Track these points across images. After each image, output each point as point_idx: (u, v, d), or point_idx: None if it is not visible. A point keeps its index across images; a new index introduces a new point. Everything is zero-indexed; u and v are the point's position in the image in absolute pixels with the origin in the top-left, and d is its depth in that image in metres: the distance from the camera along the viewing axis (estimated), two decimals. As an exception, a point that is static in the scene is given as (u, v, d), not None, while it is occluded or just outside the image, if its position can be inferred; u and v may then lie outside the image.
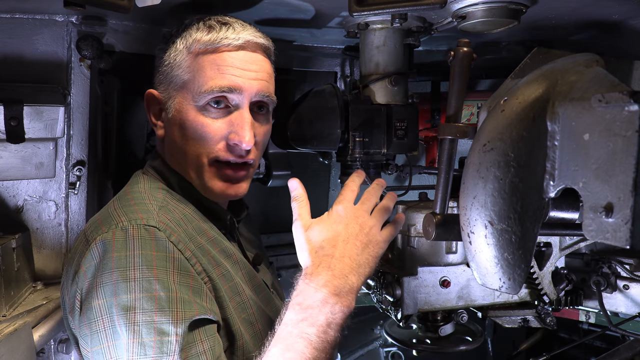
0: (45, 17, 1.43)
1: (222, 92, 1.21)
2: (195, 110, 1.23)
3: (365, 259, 1.17)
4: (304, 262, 1.18)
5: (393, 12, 1.30)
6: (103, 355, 0.99)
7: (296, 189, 1.27)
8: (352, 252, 1.16)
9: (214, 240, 1.22)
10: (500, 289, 0.96)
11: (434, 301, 1.46)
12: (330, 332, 1.06)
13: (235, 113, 1.24)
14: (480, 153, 0.95)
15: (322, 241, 1.17)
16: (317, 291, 1.09)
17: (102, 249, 1.05)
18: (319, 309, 1.07)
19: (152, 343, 0.97)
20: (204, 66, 1.22)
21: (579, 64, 0.96)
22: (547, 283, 1.47)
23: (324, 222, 1.21)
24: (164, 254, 1.06)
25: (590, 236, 0.81)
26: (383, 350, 2.59)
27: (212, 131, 1.23)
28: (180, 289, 1.04)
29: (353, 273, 1.13)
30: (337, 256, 1.14)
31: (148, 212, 1.12)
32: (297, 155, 2.00)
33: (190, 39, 1.24)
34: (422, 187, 1.61)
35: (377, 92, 1.52)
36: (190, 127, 1.23)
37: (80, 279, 1.05)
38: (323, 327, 1.05)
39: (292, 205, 1.26)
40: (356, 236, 1.18)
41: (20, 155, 1.45)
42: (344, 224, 1.19)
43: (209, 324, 1.06)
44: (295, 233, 1.22)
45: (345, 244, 1.16)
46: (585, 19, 1.47)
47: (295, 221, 1.23)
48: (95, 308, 1.00)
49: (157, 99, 1.30)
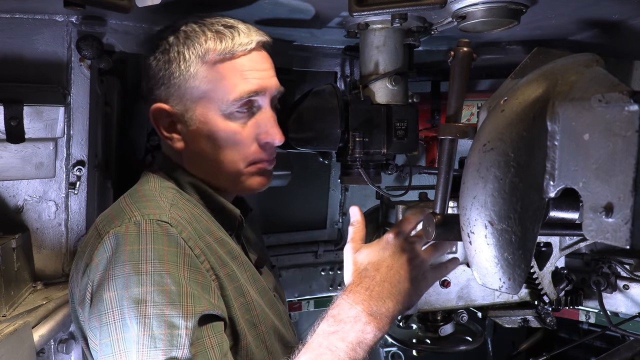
0: (45, 17, 1.43)
1: (250, 96, 1.25)
2: (222, 118, 1.25)
3: (407, 288, 1.19)
4: (347, 281, 1.22)
5: (393, 12, 1.30)
6: (112, 347, 0.99)
7: (356, 215, 1.34)
8: (394, 279, 1.18)
9: (221, 241, 1.23)
10: (500, 289, 0.96)
11: (434, 301, 1.46)
12: (359, 351, 1.07)
13: (259, 113, 1.29)
14: (480, 153, 0.95)
15: (367, 264, 1.21)
16: (352, 307, 1.11)
17: (115, 242, 1.06)
18: (351, 325, 1.09)
19: (163, 336, 0.98)
20: (224, 75, 1.23)
21: (579, 64, 0.96)
22: (547, 283, 1.47)
23: (373, 247, 1.25)
24: (176, 249, 1.07)
25: (590, 236, 0.81)
26: (383, 350, 2.59)
27: (245, 137, 1.27)
28: (190, 284, 1.05)
29: (391, 298, 1.15)
30: (378, 280, 1.17)
31: (160, 208, 1.14)
32: (297, 155, 2.00)
33: (201, 48, 1.23)
34: (422, 187, 1.61)
35: (377, 92, 1.52)
36: (221, 136, 1.25)
37: (92, 271, 1.06)
38: (352, 344, 1.07)
39: (349, 229, 1.32)
40: (401, 265, 1.21)
41: (20, 155, 1.45)
42: (391, 252, 1.22)
43: (216, 321, 1.07)
44: (346, 254, 1.27)
45: (389, 270, 1.19)
46: (585, 19, 1.47)
47: (347, 243, 1.28)
48: (106, 300, 1.01)
49: (168, 112, 1.27)
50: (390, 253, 1.22)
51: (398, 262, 1.20)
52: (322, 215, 2.31)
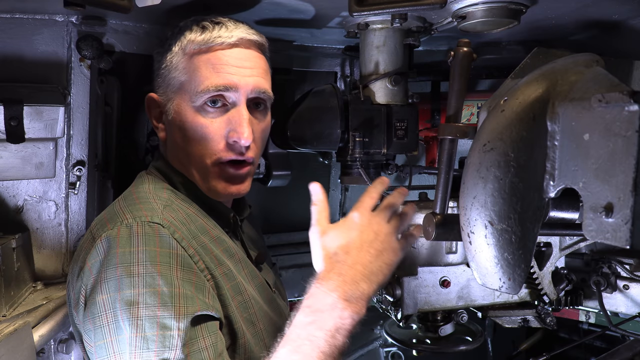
0: (45, 17, 1.43)
1: (218, 91, 1.21)
2: (193, 111, 1.24)
3: (379, 266, 1.17)
4: (318, 268, 1.19)
5: (393, 12, 1.30)
6: (106, 349, 1.00)
7: (317, 193, 1.25)
8: (365, 260, 1.15)
9: (217, 239, 1.23)
10: (500, 289, 0.96)
11: (434, 301, 1.46)
12: (339, 337, 1.06)
13: (233, 111, 1.25)
14: (480, 153, 0.95)
15: (336, 247, 1.17)
16: (327, 295, 1.09)
17: (107, 245, 1.06)
18: (328, 312, 1.07)
19: (155, 337, 0.98)
20: (199, 66, 1.23)
21: (579, 64, 0.96)
22: (547, 283, 1.47)
23: (339, 228, 1.20)
24: (168, 250, 1.07)
25: (590, 236, 0.81)
26: (383, 350, 2.59)
27: (212, 131, 1.24)
28: (183, 284, 1.04)
29: (365, 280, 1.13)
30: (350, 263, 1.14)
31: (152, 210, 1.13)
32: (297, 155, 2.00)
33: (185, 40, 1.25)
34: (422, 187, 1.61)
35: (377, 92, 1.52)
36: (190, 128, 1.24)
37: (86, 275, 1.06)
38: (331, 331, 1.05)
39: (312, 209, 1.24)
40: (370, 244, 1.18)
41: (20, 155, 1.45)
42: (358, 231, 1.19)
43: (211, 321, 1.07)
44: (312, 238, 1.22)
45: (359, 251, 1.16)
46: (585, 19, 1.47)
47: (312, 226, 1.23)
48: (99, 303, 1.01)
49: (157, 102, 1.31)
50: (358, 233, 1.18)
51: (366, 240, 1.18)
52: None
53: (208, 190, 1.29)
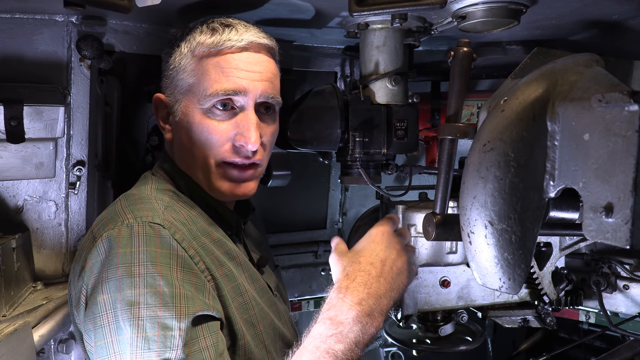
0: (45, 17, 1.43)
1: (226, 95, 1.22)
2: (201, 113, 1.24)
3: (398, 285, 1.19)
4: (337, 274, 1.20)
5: (393, 12, 1.30)
6: (106, 349, 1.00)
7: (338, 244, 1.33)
8: (389, 275, 1.17)
9: (218, 241, 1.23)
10: (500, 289, 0.96)
11: (434, 301, 1.46)
12: (357, 351, 1.07)
13: (241, 115, 1.25)
14: (480, 153, 0.95)
15: (360, 257, 1.19)
16: (351, 309, 1.09)
17: (108, 245, 1.06)
18: (350, 327, 1.07)
19: (156, 337, 0.98)
20: (208, 69, 1.23)
21: (579, 64, 0.96)
22: (547, 283, 1.47)
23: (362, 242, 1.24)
24: (168, 251, 1.07)
25: (590, 236, 0.81)
26: (383, 350, 2.59)
27: (218, 134, 1.24)
28: (183, 285, 1.05)
29: (386, 296, 1.14)
30: (374, 275, 1.15)
31: (154, 211, 1.13)
32: (297, 155, 2.00)
33: (194, 42, 1.24)
34: (422, 187, 1.61)
35: (377, 92, 1.52)
36: (196, 130, 1.24)
37: (86, 275, 1.06)
38: (351, 345, 1.06)
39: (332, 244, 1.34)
40: (394, 261, 1.20)
41: (20, 155, 1.45)
42: (383, 246, 1.21)
43: (212, 321, 1.07)
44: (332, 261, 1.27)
45: (383, 265, 1.18)
46: (585, 19, 1.47)
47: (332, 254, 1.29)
48: (100, 303, 1.01)
49: (165, 102, 1.32)
50: (383, 247, 1.21)
51: (390, 257, 1.20)
52: (322, 215, 2.31)
53: (212, 191, 1.29)
